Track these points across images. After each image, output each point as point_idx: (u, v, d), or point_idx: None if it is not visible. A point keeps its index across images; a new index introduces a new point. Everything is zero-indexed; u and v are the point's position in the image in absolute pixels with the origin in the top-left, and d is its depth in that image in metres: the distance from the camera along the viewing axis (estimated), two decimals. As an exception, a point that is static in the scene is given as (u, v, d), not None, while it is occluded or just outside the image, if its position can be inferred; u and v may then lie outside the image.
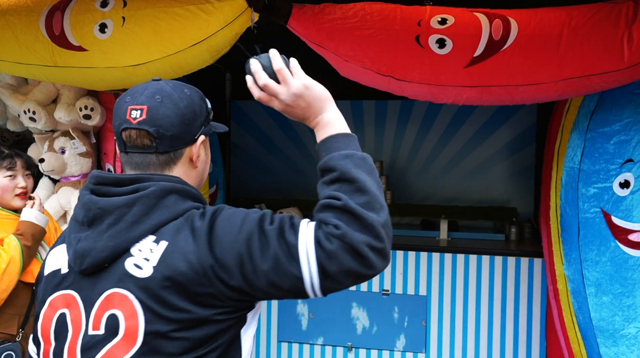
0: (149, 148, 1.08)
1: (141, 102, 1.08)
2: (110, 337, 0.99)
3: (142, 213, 1.02)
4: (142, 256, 1.01)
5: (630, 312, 2.25)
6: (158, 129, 1.07)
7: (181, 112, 1.09)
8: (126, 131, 1.08)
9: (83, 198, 1.08)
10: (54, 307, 1.07)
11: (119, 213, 1.03)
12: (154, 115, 1.07)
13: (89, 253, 1.03)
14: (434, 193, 4.33)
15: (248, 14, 2.11)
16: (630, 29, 1.93)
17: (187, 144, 1.12)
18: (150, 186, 1.04)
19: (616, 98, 2.23)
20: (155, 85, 1.11)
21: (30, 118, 2.85)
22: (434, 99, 2.27)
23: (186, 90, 1.13)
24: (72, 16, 2.27)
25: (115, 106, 1.13)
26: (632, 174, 2.23)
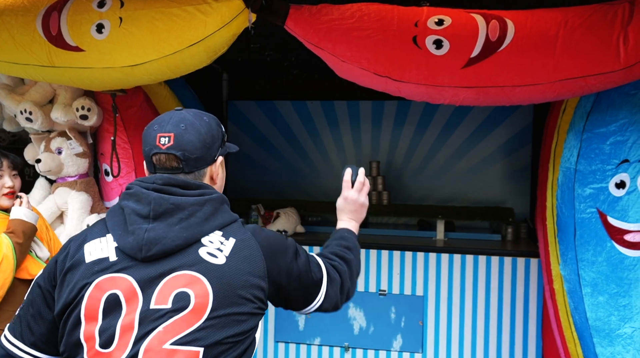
0: (177, 169, 1.27)
1: (168, 130, 1.26)
2: (179, 310, 1.14)
3: (211, 213, 1.24)
4: (214, 247, 1.21)
5: (626, 312, 2.27)
6: (184, 153, 1.26)
7: (202, 138, 1.28)
8: (156, 155, 1.27)
9: (149, 195, 1.21)
10: (101, 289, 1.17)
11: (192, 210, 1.21)
12: (180, 141, 1.26)
13: (160, 240, 1.17)
14: (430, 193, 4.34)
15: (245, 14, 2.11)
16: (625, 30, 1.94)
17: (208, 164, 1.32)
18: (214, 193, 1.27)
19: (612, 99, 2.24)
20: (179, 114, 1.30)
21: (27, 118, 2.84)
22: (431, 100, 2.27)
23: (205, 118, 1.32)
24: (69, 16, 2.26)
25: (144, 134, 1.30)
26: (627, 174, 2.24)
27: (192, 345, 1.12)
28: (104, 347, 1.14)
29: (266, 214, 3.77)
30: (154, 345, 1.12)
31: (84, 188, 2.94)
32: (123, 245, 1.19)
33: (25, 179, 3.86)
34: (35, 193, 2.97)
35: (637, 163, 2.24)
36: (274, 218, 3.75)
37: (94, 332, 1.15)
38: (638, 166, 2.24)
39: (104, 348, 1.14)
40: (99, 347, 1.14)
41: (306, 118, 4.55)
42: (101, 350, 1.14)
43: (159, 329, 1.13)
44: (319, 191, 4.51)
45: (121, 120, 2.89)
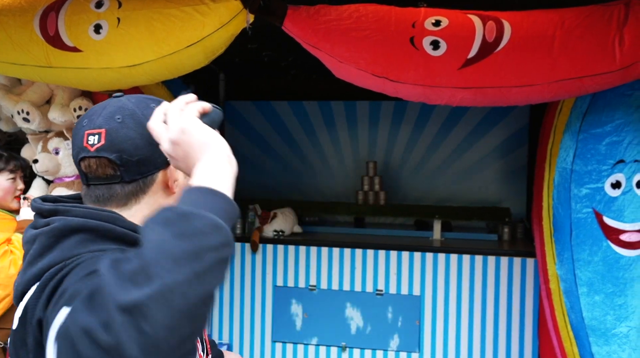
0: (113, 178, 0.93)
1: (99, 125, 0.93)
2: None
3: (37, 254, 0.88)
4: (22, 305, 0.88)
5: (621, 311, 2.28)
6: (121, 155, 0.92)
7: (147, 132, 0.88)
8: (84, 160, 0.94)
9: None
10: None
11: (26, 249, 0.92)
12: (114, 139, 0.92)
13: (16, 288, 0.92)
14: (427, 193, 4.35)
15: (243, 15, 2.12)
16: (621, 31, 1.95)
17: (158, 168, 0.96)
18: (55, 221, 0.89)
19: (608, 99, 2.25)
20: (115, 103, 0.96)
21: (24, 119, 2.83)
22: (428, 100, 2.28)
23: (152, 104, 0.95)
24: (67, 17, 2.26)
25: (73, 133, 0.99)
26: (623, 174, 2.26)
27: None
28: None
29: (263, 215, 3.77)
30: None
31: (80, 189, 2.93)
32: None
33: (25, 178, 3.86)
34: (33, 193, 2.96)
35: (632, 163, 2.25)
36: (271, 218, 3.75)
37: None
38: (634, 167, 2.25)
39: None
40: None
41: (303, 118, 4.56)
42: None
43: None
44: (316, 192, 4.52)
45: (118, 120, 2.88)
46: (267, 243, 3.56)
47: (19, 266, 2.06)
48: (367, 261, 3.43)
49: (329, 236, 3.66)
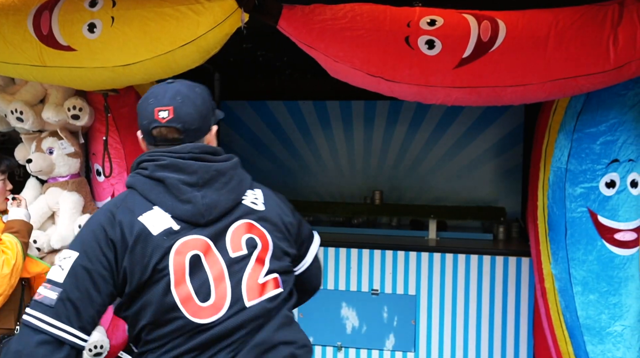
0: (177, 141, 1.36)
1: (166, 104, 1.34)
2: (253, 251, 1.34)
3: (242, 174, 1.42)
4: (251, 199, 1.41)
5: (616, 310, 2.29)
6: (184, 125, 1.34)
7: (199, 109, 1.37)
8: (157, 128, 1.35)
9: (192, 166, 1.32)
10: (181, 253, 1.27)
11: (230, 175, 1.37)
12: (179, 114, 1.34)
13: (217, 205, 1.32)
14: (422, 193, 4.35)
15: (238, 14, 2.11)
16: (615, 30, 1.96)
17: (205, 134, 1.41)
18: (233, 157, 1.42)
19: (602, 99, 2.26)
20: (173, 87, 1.37)
21: (18, 118, 2.82)
22: (423, 100, 2.28)
23: (197, 89, 1.40)
24: (61, 16, 2.25)
25: (140, 107, 1.38)
26: (617, 174, 2.26)
27: (273, 273, 1.36)
28: (204, 301, 1.26)
29: (259, 214, 3.77)
30: (251, 284, 1.31)
31: (76, 188, 2.93)
32: (180, 214, 1.30)
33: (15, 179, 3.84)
34: (27, 193, 2.95)
35: (626, 163, 2.26)
36: (266, 218, 3.74)
37: (189, 292, 1.26)
38: (628, 166, 2.26)
39: (204, 302, 1.26)
40: (200, 302, 1.26)
41: (298, 118, 4.55)
42: (202, 305, 1.26)
43: (247, 270, 1.32)
44: (311, 191, 4.52)
45: (113, 120, 2.88)
46: (263, 242, 3.55)
47: (12, 267, 2.14)
48: (362, 260, 3.43)
49: (324, 236, 3.64)
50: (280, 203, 1.48)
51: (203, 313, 1.26)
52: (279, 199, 1.50)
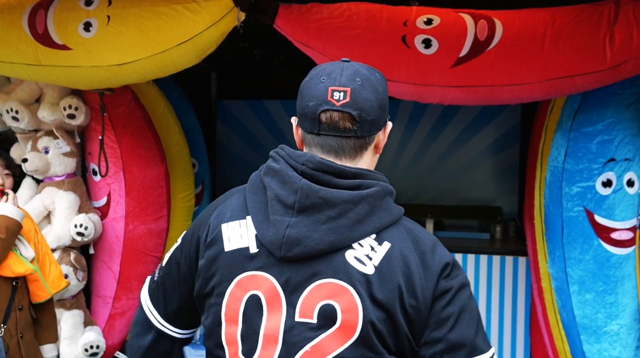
0: (348, 131, 1.04)
1: (343, 84, 1.04)
2: (325, 327, 0.99)
3: (366, 213, 1.01)
4: (363, 253, 1.01)
5: (612, 309, 2.29)
6: (360, 113, 1.03)
7: (380, 97, 1.06)
8: (327, 112, 1.03)
9: (295, 181, 1.02)
10: (243, 287, 1.04)
11: (343, 208, 1.00)
12: (357, 98, 1.03)
13: (302, 241, 1.00)
14: (419, 192, 4.35)
15: (234, 13, 2.11)
16: (612, 30, 1.96)
17: (379, 130, 1.09)
18: (373, 185, 1.03)
19: (599, 98, 2.26)
20: (351, 67, 1.07)
21: (13, 117, 2.81)
22: (420, 99, 2.28)
23: (377, 74, 1.10)
24: (56, 14, 2.24)
25: (307, 86, 1.08)
26: (614, 173, 2.27)
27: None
28: (246, 355, 1.03)
29: (256, 214, 3.76)
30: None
31: (72, 188, 2.91)
32: (262, 236, 1.03)
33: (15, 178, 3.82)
34: (22, 193, 2.94)
35: (623, 162, 2.26)
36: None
37: (235, 336, 1.04)
38: (624, 165, 2.26)
39: (246, 357, 1.03)
40: (242, 354, 1.03)
41: (296, 117, 4.55)
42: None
43: (306, 348, 0.99)
44: (309, 191, 4.51)
45: (109, 119, 2.87)
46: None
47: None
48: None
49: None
50: (416, 275, 1.01)
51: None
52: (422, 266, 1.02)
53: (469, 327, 1.02)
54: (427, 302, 1.00)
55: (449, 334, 1.00)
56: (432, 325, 1.01)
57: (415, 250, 1.03)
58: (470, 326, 1.02)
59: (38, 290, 2.27)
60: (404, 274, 1.00)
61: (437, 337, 1.01)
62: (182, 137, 3.35)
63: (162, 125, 3.18)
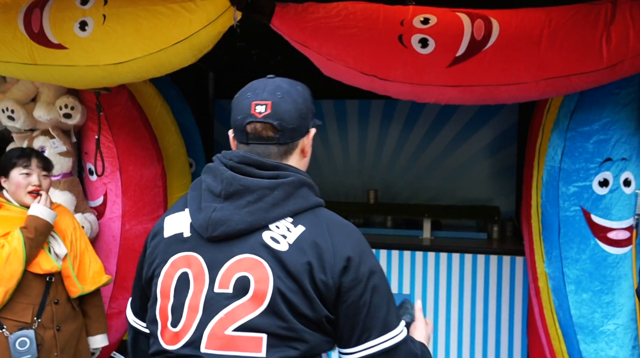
0: (272, 139, 1.21)
1: (264, 98, 1.21)
2: (238, 296, 1.12)
3: (281, 198, 1.16)
4: (279, 233, 1.14)
5: (609, 309, 2.29)
6: (281, 123, 1.19)
7: (299, 107, 1.22)
8: (251, 124, 1.21)
9: (223, 173, 1.17)
10: (175, 266, 1.18)
11: (260, 194, 1.15)
12: (277, 110, 1.19)
13: (225, 222, 1.14)
14: (417, 192, 4.35)
15: (231, 12, 2.10)
16: (608, 29, 1.96)
17: (301, 136, 1.25)
18: (290, 176, 1.18)
19: (595, 98, 2.26)
20: (273, 82, 1.25)
21: (9, 117, 2.80)
22: (417, 99, 2.28)
23: (299, 87, 1.27)
24: (52, 14, 2.24)
25: (235, 102, 1.26)
26: (610, 173, 2.27)
27: (254, 331, 1.10)
28: (173, 326, 1.16)
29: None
30: (215, 331, 1.11)
31: (68, 187, 2.91)
32: (194, 222, 1.18)
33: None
34: (18, 193, 2.93)
35: (620, 161, 2.26)
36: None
37: (167, 310, 1.17)
38: (621, 165, 2.26)
39: (173, 327, 1.16)
40: (170, 325, 1.16)
41: (293, 117, 4.54)
42: (171, 329, 1.16)
43: (220, 315, 1.11)
44: (306, 190, 4.50)
45: (105, 119, 2.86)
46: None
47: (4, 260, 2.19)
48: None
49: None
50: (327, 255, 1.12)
51: (167, 337, 1.16)
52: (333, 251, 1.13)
53: (381, 309, 1.16)
54: (335, 282, 1.12)
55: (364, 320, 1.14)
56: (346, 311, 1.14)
57: (329, 235, 1.15)
58: (382, 308, 1.16)
59: (70, 285, 2.38)
60: (315, 253, 1.12)
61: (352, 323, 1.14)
62: (179, 136, 3.34)
63: (158, 124, 3.17)
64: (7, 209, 2.35)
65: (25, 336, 2.23)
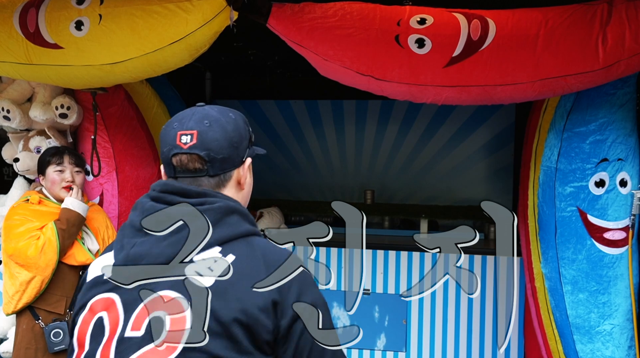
0: (200, 172, 1.10)
1: (190, 127, 1.11)
2: (149, 340, 0.98)
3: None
4: (205, 265, 1.01)
5: (605, 309, 2.29)
6: (209, 153, 1.09)
7: (229, 136, 1.12)
8: (177, 156, 1.10)
9: (144, 205, 1.08)
10: (93, 311, 1.06)
11: (183, 223, 1.04)
12: (204, 139, 1.09)
13: (143, 258, 1.03)
14: (414, 192, 4.36)
15: (227, 12, 2.10)
16: (604, 30, 1.96)
17: (235, 167, 1.15)
18: (217, 202, 1.07)
19: (592, 98, 2.26)
20: (202, 111, 1.15)
21: (4, 117, 2.78)
22: (414, 99, 2.27)
23: (231, 114, 1.17)
24: (47, 13, 2.23)
25: (162, 133, 1.15)
26: (607, 173, 2.27)
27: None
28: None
29: (250, 214, 3.76)
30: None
31: (64, 188, 2.90)
32: (116, 261, 1.07)
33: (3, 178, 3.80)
34: (14, 193, 2.92)
35: (616, 162, 2.26)
36: (257, 217, 3.73)
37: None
38: (617, 165, 2.27)
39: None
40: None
41: (290, 117, 4.55)
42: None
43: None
44: (303, 191, 4.51)
45: (102, 119, 2.85)
46: (253, 242, 3.54)
47: (39, 250, 2.32)
48: (353, 260, 3.42)
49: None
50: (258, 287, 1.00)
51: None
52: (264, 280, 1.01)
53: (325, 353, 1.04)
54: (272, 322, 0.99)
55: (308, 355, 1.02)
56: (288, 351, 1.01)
57: (264, 266, 1.03)
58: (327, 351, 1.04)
59: None
60: (243, 287, 0.99)
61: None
62: (176, 137, 3.33)
63: (155, 125, 3.16)
64: (45, 205, 2.53)
65: (59, 328, 2.36)
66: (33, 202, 2.53)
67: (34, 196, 2.55)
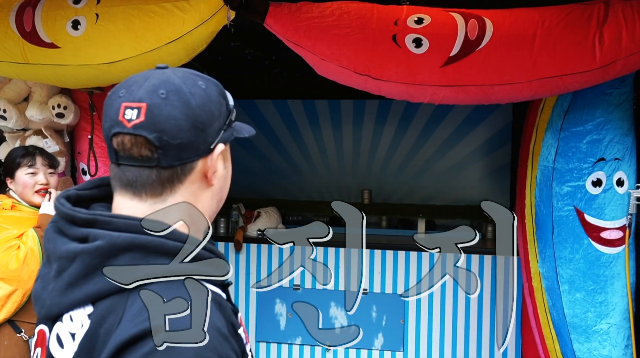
0: (148, 161, 0.79)
1: (139, 98, 0.79)
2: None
3: (78, 275, 0.77)
4: (69, 329, 0.77)
5: (602, 308, 2.30)
6: (161, 136, 0.78)
7: (193, 113, 0.80)
8: (118, 136, 0.80)
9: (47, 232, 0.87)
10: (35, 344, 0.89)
11: (59, 266, 0.79)
12: (156, 116, 0.78)
13: (38, 299, 0.83)
14: (411, 192, 4.35)
15: (224, 11, 2.10)
16: (601, 30, 1.96)
17: (200, 156, 0.83)
18: (98, 238, 0.77)
19: (589, 98, 2.27)
20: (159, 75, 0.81)
21: (1, 116, 2.78)
22: (411, 99, 2.27)
23: (200, 82, 0.84)
24: (44, 12, 2.22)
25: (106, 102, 0.83)
26: (604, 172, 2.27)
27: None
28: None
29: (247, 214, 3.75)
30: None
31: (61, 188, 2.89)
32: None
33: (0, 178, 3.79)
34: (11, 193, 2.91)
35: (613, 161, 2.27)
36: (254, 217, 3.73)
37: None
38: (614, 165, 2.27)
39: None
40: None
41: (287, 117, 4.54)
42: None
43: None
44: (300, 191, 4.50)
45: (98, 118, 2.85)
46: (251, 242, 3.54)
47: (21, 261, 2.13)
48: (351, 260, 3.42)
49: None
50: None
51: None
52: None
53: None
54: None
55: None
56: None
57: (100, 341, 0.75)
58: None
59: None
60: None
61: None
62: (173, 136, 3.33)
63: (152, 124, 3.16)
64: (19, 210, 2.31)
65: None
66: (5, 208, 2.30)
67: (6, 201, 2.31)
